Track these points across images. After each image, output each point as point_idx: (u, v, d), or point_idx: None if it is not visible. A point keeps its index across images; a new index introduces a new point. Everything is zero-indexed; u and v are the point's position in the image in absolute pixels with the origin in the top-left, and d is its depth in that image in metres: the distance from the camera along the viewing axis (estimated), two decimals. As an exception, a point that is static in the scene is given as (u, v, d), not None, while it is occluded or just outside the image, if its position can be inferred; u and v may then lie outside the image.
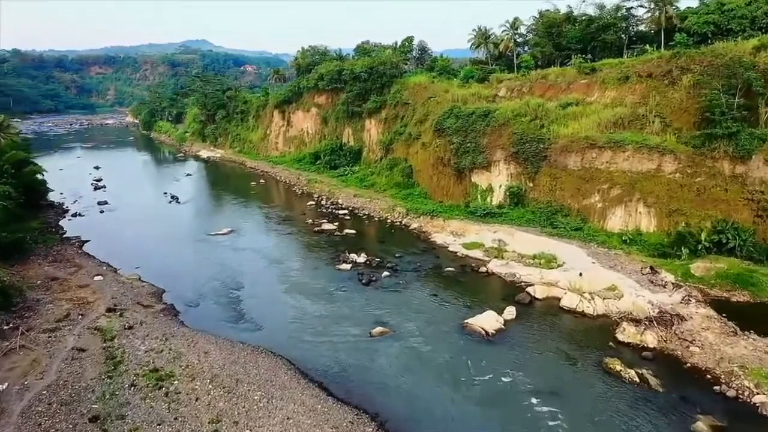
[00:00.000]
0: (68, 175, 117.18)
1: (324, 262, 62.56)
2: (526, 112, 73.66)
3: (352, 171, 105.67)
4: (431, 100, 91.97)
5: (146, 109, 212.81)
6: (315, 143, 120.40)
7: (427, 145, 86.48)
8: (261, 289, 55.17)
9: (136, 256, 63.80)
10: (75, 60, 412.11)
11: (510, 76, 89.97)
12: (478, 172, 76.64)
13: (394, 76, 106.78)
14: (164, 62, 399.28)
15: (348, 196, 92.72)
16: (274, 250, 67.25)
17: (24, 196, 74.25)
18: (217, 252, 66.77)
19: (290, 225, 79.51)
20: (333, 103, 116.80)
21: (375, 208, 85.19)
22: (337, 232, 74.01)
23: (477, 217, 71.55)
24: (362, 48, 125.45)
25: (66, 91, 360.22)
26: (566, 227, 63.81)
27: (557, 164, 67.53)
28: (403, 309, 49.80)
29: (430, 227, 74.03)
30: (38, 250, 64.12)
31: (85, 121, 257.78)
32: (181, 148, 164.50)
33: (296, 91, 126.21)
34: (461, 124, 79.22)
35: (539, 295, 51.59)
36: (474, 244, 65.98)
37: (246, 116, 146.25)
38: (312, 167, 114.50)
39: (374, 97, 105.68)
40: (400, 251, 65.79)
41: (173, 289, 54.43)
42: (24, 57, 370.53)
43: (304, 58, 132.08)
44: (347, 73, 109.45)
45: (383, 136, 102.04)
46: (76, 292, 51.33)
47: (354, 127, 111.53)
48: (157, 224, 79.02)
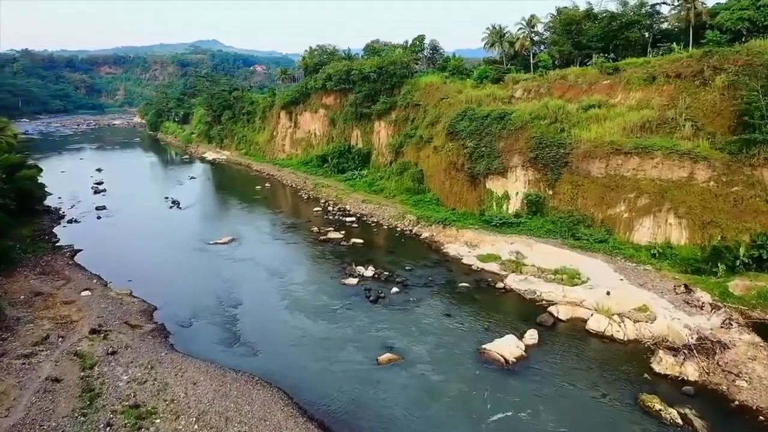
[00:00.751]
0: (69, 177, 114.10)
1: (329, 276, 58.40)
2: (545, 115, 69.14)
3: (361, 175, 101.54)
4: (443, 102, 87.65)
5: (153, 109, 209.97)
6: (322, 145, 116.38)
7: (439, 149, 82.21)
8: (260, 305, 51.11)
9: (130, 268, 60.04)
10: (85, 60, 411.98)
11: (527, 77, 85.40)
12: (493, 179, 72.23)
13: (405, 76, 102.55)
14: (174, 62, 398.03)
15: (356, 201, 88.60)
16: (276, 262, 63.16)
17: (16, 201, 70.83)
18: (216, 263, 62.81)
19: (295, 233, 75.49)
20: (341, 104, 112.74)
21: (384, 215, 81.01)
22: (343, 242, 69.87)
23: (492, 227, 67.14)
24: (371, 47, 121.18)
25: (75, 91, 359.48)
26: (589, 239, 59.22)
27: (579, 171, 62.96)
28: (414, 331, 45.55)
29: (442, 237, 69.73)
30: (27, 260, 60.59)
31: (92, 122, 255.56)
32: (186, 150, 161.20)
33: (303, 91, 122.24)
34: (475, 126, 74.87)
35: (563, 316, 47.16)
36: (490, 256, 61.63)
37: (252, 117, 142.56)
38: (319, 170, 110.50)
39: (384, 98, 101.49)
40: (410, 263, 61.54)
41: (165, 305, 50.47)
42: (34, 57, 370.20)
43: (312, 58, 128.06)
44: (356, 73, 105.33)
45: (393, 139, 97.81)
46: (60, 310, 47.53)
47: (363, 129, 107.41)
48: (155, 232, 75.27)
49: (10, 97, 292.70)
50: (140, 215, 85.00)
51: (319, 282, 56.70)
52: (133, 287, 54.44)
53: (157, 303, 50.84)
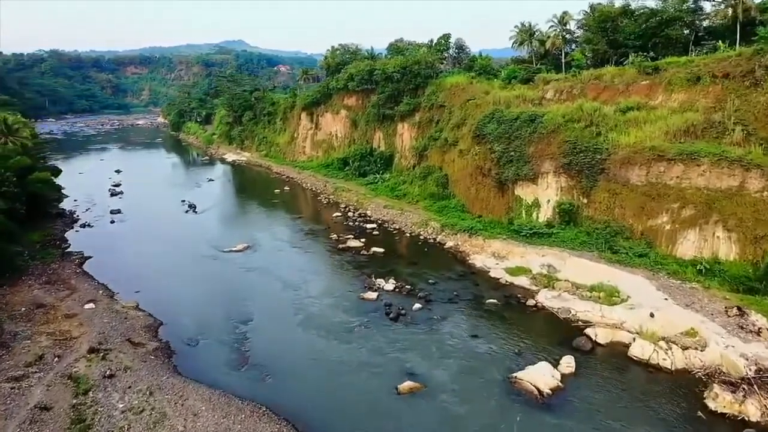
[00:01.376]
0: (87, 179, 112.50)
1: (347, 289, 54.81)
2: (579, 117, 64.66)
3: (383, 179, 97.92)
4: (470, 103, 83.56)
5: (175, 109, 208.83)
6: (344, 148, 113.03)
7: (464, 153, 78.19)
8: (272, 321, 47.76)
9: (139, 277, 57.31)
10: (112, 60, 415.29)
11: (558, 77, 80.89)
12: (522, 185, 68.01)
13: (429, 76, 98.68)
14: (199, 62, 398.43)
15: (377, 207, 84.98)
16: (292, 272, 59.80)
17: (26, 206, 68.74)
18: (229, 273, 59.71)
19: (313, 240, 72.15)
20: (363, 105, 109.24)
21: (406, 221, 77.25)
22: (363, 251, 66.29)
23: (522, 237, 62.92)
24: (395, 46, 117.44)
25: (101, 91, 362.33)
26: (628, 252, 54.67)
27: (617, 178, 58.43)
28: (437, 354, 41.76)
29: (468, 247, 65.74)
30: (33, 268, 58.21)
31: (116, 122, 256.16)
32: (207, 151, 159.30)
33: (325, 92, 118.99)
34: (504, 129, 70.70)
35: (601, 340, 42.91)
36: (519, 269, 57.51)
37: (273, 118, 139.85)
38: (340, 173, 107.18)
39: (407, 99, 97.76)
40: (433, 276, 57.73)
41: (172, 320, 47.40)
42: (62, 57, 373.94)
43: (334, 58, 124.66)
44: (379, 73, 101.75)
45: (416, 142, 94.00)
46: (60, 324, 44.75)
47: (385, 131, 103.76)
48: (169, 238, 72.56)
49: (38, 97, 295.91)
50: (155, 220, 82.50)
51: (337, 296, 53.13)
52: (141, 299, 51.55)
53: (164, 317, 47.79)
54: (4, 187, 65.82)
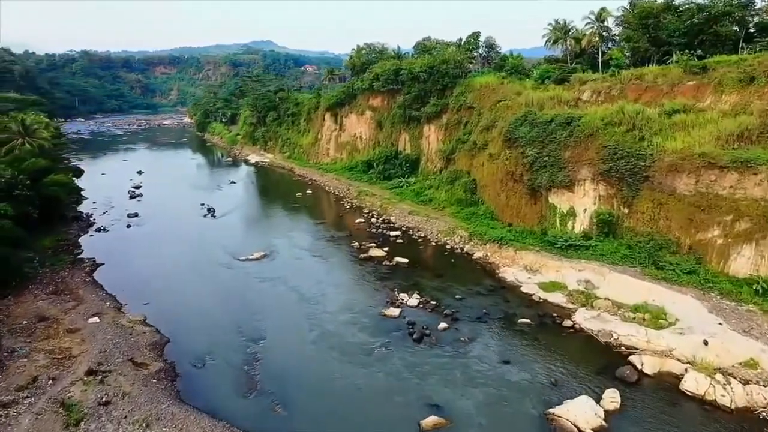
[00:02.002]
0: (108, 181, 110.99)
1: (367, 304, 51.14)
2: (620, 120, 59.98)
3: (408, 183, 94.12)
4: (500, 104, 79.24)
5: (200, 110, 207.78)
6: (368, 150, 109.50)
7: (494, 157, 73.96)
8: (286, 340, 44.36)
9: (149, 287, 54.60)
10: (141, 60, 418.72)
11: (595, 77, 76.11)
12: (557, 192, 63.59)
13: (458, 76, 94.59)
14: (226, 62, 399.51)
15: (402, 212, 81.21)
16: (310, 284, 56.38)
17: (41, 209, 66.62)
18: (243, 284, 56.55)
19: (333, 248, 68.75)
20: (389, 106, 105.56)
21: (432, 229, 73.34)
22: (386, 261, 62.60)
23: (557, 249, 58.51)
24: (422, 45, 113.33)
25: (131, 91, 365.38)
26: (675, 269, 49.87)
27: (662, 187, 53.66)
28: (464, 382, 37.86)
29: (497, 258, 61.61)
30: (42, 276, 55.84)
31: (143, 122, 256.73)
32: (231, 152, 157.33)
33: (350, 92, 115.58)
34: (537, 133, 66.33)
35: (649, 370, 38.50)
36: (554, 284, 53.23)
37: (297, 119, 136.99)
38: (364, 176, 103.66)
39: (434, 100, 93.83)
40: (461, 290, 53.79)
41: (180, 337, 44.33)
42: (92, 57, 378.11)
43: (359, 57, 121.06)
44: (405, 73, 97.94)
45: (444, 145, 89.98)
46: (61, 341, 41.97)
47: (411, 134, 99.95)
48: (184, 244, 69.78)
49: (68, 97, 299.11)
50: (171, 224, 79.91)
51: (356, 312, 49.48)
52: (149, 311, 48.65)
53: (171, 333, 44.74)
54: (16, 190, 63.93)
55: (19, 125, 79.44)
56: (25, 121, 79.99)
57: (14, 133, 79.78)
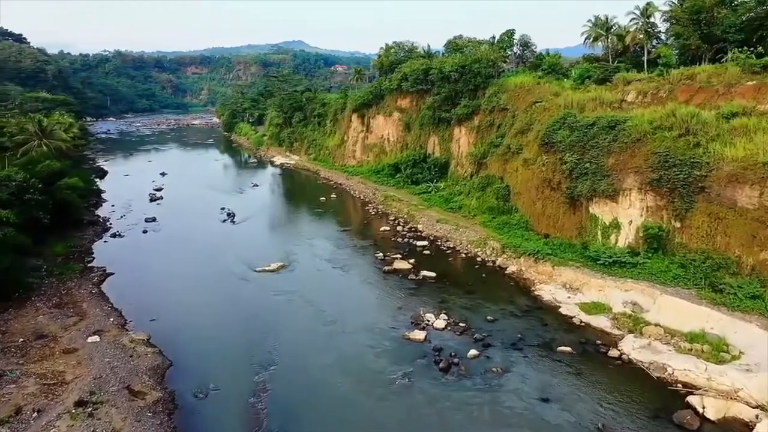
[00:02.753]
0: (131, 182, 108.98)
1: (390, 324, 46.74)
2: (671, 125, 54.41)
3: (437, 188, 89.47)
4: (537, 106, 74.15)
5: (228, 110, 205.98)
6: (396, 152, 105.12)
7: (530, 162, 68.90)
8: (298, 367, 40.18)
9: (158, 301, 51.30)
10: (173, 60, 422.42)
11: (641, 76, 70.39)
12: (599, 202, 58.32)
13: (491, 76, 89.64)
14: (257, 62, 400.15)
15: (430, 220, 76.61)
16: (329, 300, 52.30)
17: (54, 214, 63.98)
18: (257, 299, 52.72)
19: (356, 259, 64.60)
20: (418, 107, 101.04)
21: (462, 239, 68.64)
22: (412, 275, 58.13)
23: (599, 266, 53.23)
24: (453, 44, 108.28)
25: (162, 91, 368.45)
26: (737, 293, 44.21)
27: (721, 199, 48.01)
28: (497, 424, 33.21)
29: (533, 274, 56.66)
30: (48, 286, 52.84)
31: (172, 122, 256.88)
32: (256, 153, 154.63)
33: (377, 93, 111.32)
34: (577, 137, 61.20)
35: (712, 414, 33.24)
36: (597, 306, 48.16)
37: (323, 120, 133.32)
38: (391, 180, 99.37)
39: (466, 101, 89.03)
40: (493, 310, 49.10)
41: (184, 360, 40.63)
42: (125, 57, 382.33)
43: (388, 56, 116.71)
44: (435, 72, 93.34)
45: (475, 148, 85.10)
46: (56, 363, 38.58)
47: (441, 136, 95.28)
48: (199, 252, 66.43)
49: (101, 97, 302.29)
50: (188, 230, 76.62)
51: (377, 333, 45.14)
52: (155, 329, 45.14)
53: (175, 355, 41.06)
54: (27, 194, 61.31)
55: (36, 126, 77.22)
56: (42, 122, 77.76)
57: (31, 134, 77.67)
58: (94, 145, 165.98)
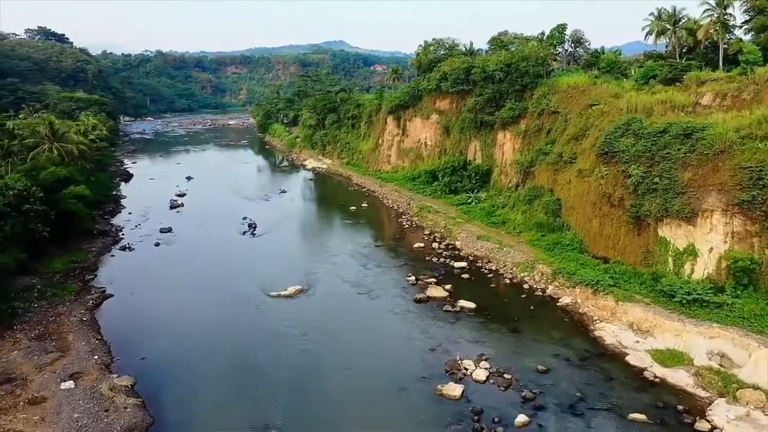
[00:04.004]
0: (155, 187, 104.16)
1: (419, 374, 38.80)
2: (765, 134, 45.21)
3: (477, 199, 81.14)
4: (593, 109, 65.29)
5: (262, 110, 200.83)
6: (433, 158, 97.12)
7: (585, 174, 60.21)
8: (307, 429, 32.85)
9: (154, 333, 44.91)
10: (213, 60, 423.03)
11: (717, 76, 60.92)
12: (671, 224, 49.34)
13: (539, 75, 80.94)
14: (296, 62, 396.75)
15: (469, 237, 68.43)
16: (349, 336, 44.95)
17: (55, 225, 58.50)
18: (268, 332, 45.58)
19: (384, 283, 56.90)
20: (458, 109, 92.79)
21: (506, 261, 60.35)
22: (448, 305, 50.10)
23: (675, 304, 44.27)
24: (498, 41, 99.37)
25: (201, 91, 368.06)
26: None
27: (835, 228, 38.79)
28: None
29: (591, 308, 48.06)
30: (36, 310, 46.94)
31: (209, 122, 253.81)
32: (289, 155, 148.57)
33: (414, 93, 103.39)
34: (645, 146, 52.32)
35: None
36: (673, 355, 39.45)
37: (357, 122, 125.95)
38: (427, 189, 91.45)
39: (511, 103, 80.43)
40: (544, 355, 40.89)
41: (169, 417, 33.76)
42: (166, 57, 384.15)
43: (426, 55, 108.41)
44: (477, 71, 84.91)
45: (521, 156, 76.46)
46: (16, 418, 32.15)
47: (483, 141, 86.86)
48: (211, 270, 59.76)
49: (140, 96, 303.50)
50: (204, 243, 70.23)
51: (404, 385, 37.36)
52: (143, 371, 38.56)
53: (160, 409, 34.21)
54: (27, 204, 55.87)
55: (46, 129, 72.13)
56: (54, 124, 72.51)
57: (42, 137, 72.66)
58: (126, 146, 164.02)
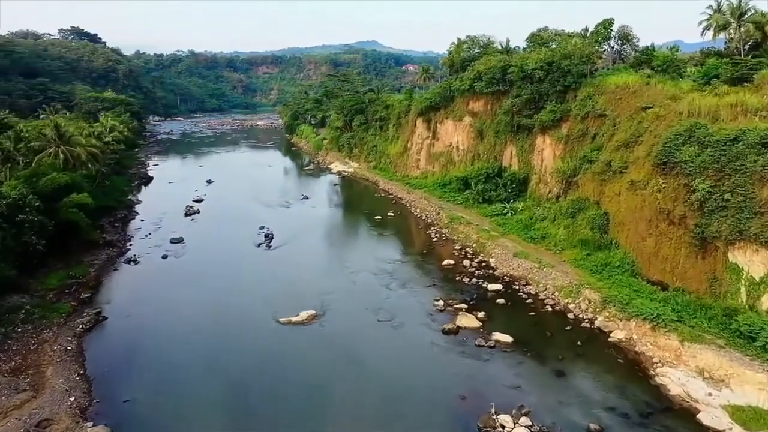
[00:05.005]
0: (172, 191, 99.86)
1: (446, 429, 32.61)
2: None
3: (514, 210, 74.25)
4: (648, 113, 57.94)
5: (290, 111, 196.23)
6: (465, 163, 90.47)
7: (638, 186, 53.06)
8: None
9: (145, 367, 39.52)
10: (245, 60, 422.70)
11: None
12: (745, 248, 42.05)
13: (583, 75, 73.64)
14: (327, 62, 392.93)
15: (505, 253, 61.75)
16: (364, 377, 38.79)
17: (53, 236, 54.06)
18: (271, 369, 39.72)
19: (408, 307, 50.48)
20: (492, 111, 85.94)
21: (547, 283, 53.55)
22: (481, 338, 43.51)
23: (757, 349, 37.06)
24: (537, 37, 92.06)
25: (232, 90, 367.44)
26: None
27: None
28: None
29: (651, 347, 41.05)
30: (18, 336, 42.14)
31: (237, 122, 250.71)
32: (315, 158, 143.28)
33: (446, 94, 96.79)
34: (712, 156, 45.05)
35: None
36: (757, 415, 32.38)
37: (386, 124, 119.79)
38: (458, 197, 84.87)
39: (552, 105, 73.31)
40: (596, 406, 34.21)
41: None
42: (198, 57, 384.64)
43: (459, 53, 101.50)
44: (515, 70, 77.91)
45: (563, 163, 69.32)
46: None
47: (519, 146, 79.89)
48: (218, 289, 54.06)
49: (172, 96, 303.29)
50: (215, 256, 64.93)
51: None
52: (123, 420, 33.16)
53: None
54: (22, 214, 51.36)
55: (52, 131, 67.81)
56: (60, 127, 68.10)
57: (48, 140, 68.40)
58: (151, 147, 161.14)
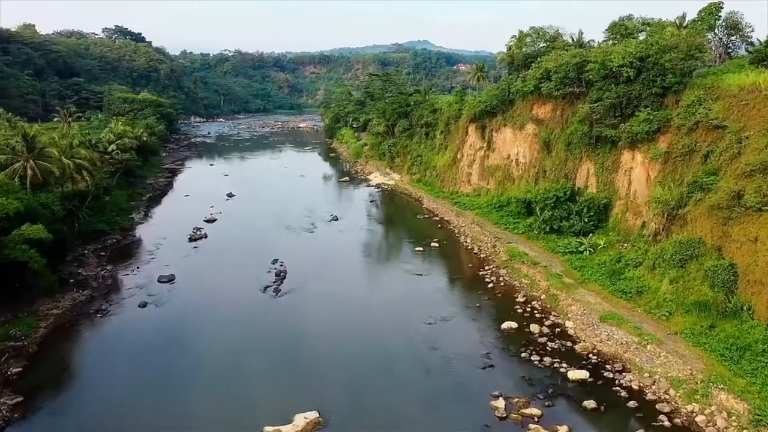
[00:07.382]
0: (185, 207, 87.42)
1: None
2: None
3: (592, 247, 57.75)
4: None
5: (331, 113, 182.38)
6: (528, 181, 74.18)
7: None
8: None
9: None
10: (292, 59, 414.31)
11: None
12: None
13: (686, 73, 56.40)
14: (375, 61, 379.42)
15: (587, 314, 45.50)
16: None
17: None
18: None
19: (453, 407, 35.11)
20: (563, 118, 69.44)
21: (654, 370, 37.16)
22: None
23: None
24: (620, 26, 74.20)
25: (278, 91, 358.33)
26: None
27: None
28: None
29: None
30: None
31: (278, 124, 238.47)
32: (353, 167, 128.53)
33: (504, 96, 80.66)
34: None
35: None
36: None
37: (432, 131, 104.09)
38: (519, 224, 68.78)
39: (647, 113, 56.28)
40: None
41: None
42: (244, 57, 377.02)
43: (520, 47, 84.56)
44: (594, 67, 61.18)
45: (663, 189, 52.19)
46: None
47: (600, 163, 63.17)
48: (192, 368, 39.72)
49: (215, 96, 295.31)
50: (205, 306, 50.02)
51: None
52: None
53: None
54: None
55: (20, 142, 55.28)
56: (29, 136, 55.42)
57: (17, 153, 55.96)
58: (180, 152, 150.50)
